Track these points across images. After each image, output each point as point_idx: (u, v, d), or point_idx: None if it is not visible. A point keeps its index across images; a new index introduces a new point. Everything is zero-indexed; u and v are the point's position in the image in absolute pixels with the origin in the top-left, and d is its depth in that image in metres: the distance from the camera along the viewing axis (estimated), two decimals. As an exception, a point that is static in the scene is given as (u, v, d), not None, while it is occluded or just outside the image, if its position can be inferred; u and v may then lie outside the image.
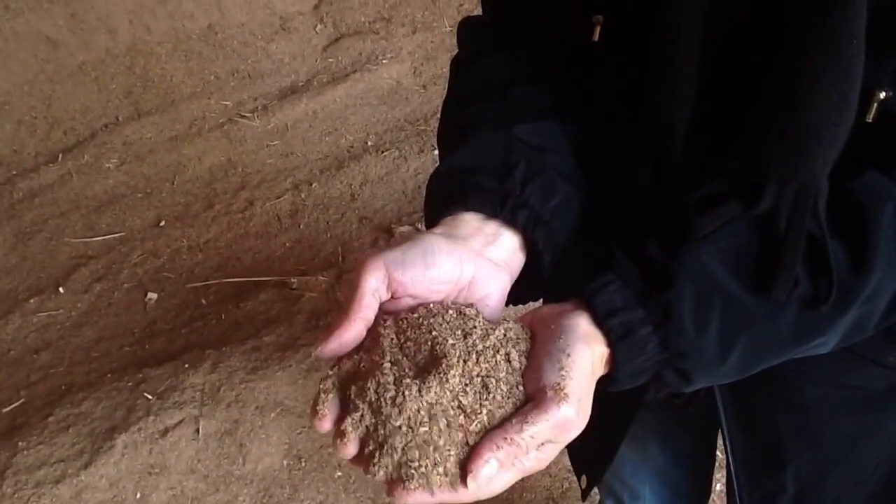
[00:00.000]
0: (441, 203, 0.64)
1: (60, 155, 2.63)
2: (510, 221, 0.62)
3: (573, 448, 0.76)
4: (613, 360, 0.57)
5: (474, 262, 0.60)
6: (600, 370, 0.57)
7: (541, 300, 0.72)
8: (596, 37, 0.70)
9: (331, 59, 3.17)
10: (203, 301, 2.15)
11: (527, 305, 0.67)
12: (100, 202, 2.49)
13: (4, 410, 1.91)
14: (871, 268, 0.60)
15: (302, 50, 3.22)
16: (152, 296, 2.17)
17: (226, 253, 2.32)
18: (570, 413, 0.52)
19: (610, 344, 0.56)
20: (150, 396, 1.82)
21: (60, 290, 2.19)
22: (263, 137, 2.82)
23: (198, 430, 1.75)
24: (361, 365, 0.54)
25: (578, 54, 0.69)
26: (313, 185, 2.55)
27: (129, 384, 1.86)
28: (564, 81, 0.72)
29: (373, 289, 0.56)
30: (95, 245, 2.35)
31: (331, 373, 0.54)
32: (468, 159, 0.66)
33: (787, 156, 0.59)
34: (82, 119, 2.76)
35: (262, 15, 3.25)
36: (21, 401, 1.93)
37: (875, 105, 0.60)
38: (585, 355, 0.55)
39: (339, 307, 1.97)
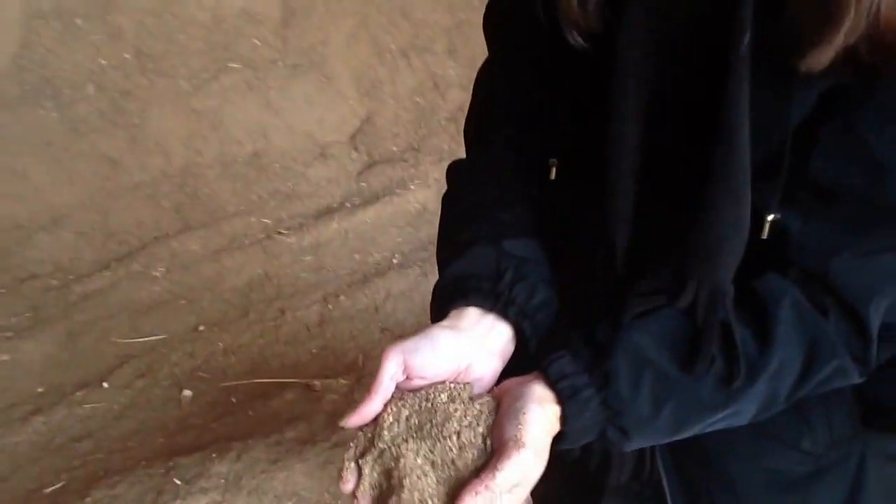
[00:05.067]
0: (446, 301, 0.80)
1: (113, 263, 2.95)
2: (503, 315, 0.78)
3: None
4: (564, 418, 0.71)
5: (472, 350, 0.76)
6: (555, 427, 0.71)
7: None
8: (553, 175, 0.88)
9: (363, 184, 3.52)
10: (233, 399, 2.41)
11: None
12: (146, 307, 2.80)
13: (45, 491, 2.15)
14: (773, 350, 0.73)
15: (338, 175, 3.57)
16: (187, 393, 2.43)
17: (257, 357, 2.59)
18: (529, 456, 0.66)
19: (560, 402, 0.71)
20: (178, 482, 2.05)
21: (104, 384, 2.47)
22: (298, 253, 3.13)
23: (221, 513, 1.98)
24: (373, 437, 0.71)
25: (541, 188, 0.89)
26: (340, 298, 2.84)
27: (161, 471, 2.11)
28: (536, 205, 0.89)
29: (391, 373, 0.72)
30: (139, 346, 2.64)
31: (352, 444, 0.71)
32: (467, 268, 0.82)
33: (699, 265, 0.74)
34: (135, 231, 3.10)
35: (303, 143, 3.63)
36: (61, 483, 2.17)
37: (767, 225, 0.74)
38: (538, 412, 0.69)
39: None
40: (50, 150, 3.08)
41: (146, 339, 2.66)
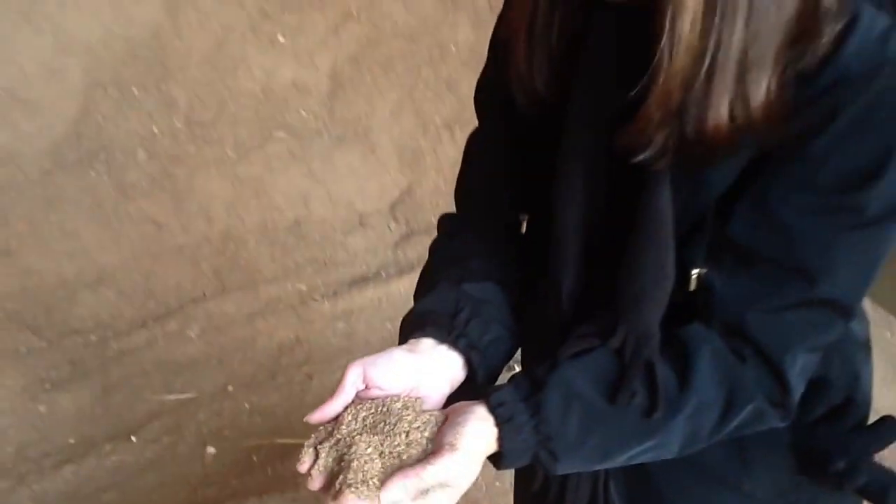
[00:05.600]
0: (408, 331, 0.92)
1: (151, 322, 3.08)
2: (454, 346, 0.89)
3: None
4: (501, 439, 0.80)
5: (425, 371, 0.87)
6: (492, 446, 0.81)
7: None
8: (523, 230, 1.04)
9: (400, 254, 3.61)
10: (254, 458, 2.48)
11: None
12: (179, 366, 2.91)
13: (69, 540, 2.24)
14: (692, 389, 0.83)
15: (375, 244, 3.67)
16: (211, 450, 2.51)
17: (281, 418, 2.67)
18: (459, 459, 0.77)
19: (497, 425, 0.80)
20: (196, 535, 2.12)
21: (133, 438, 2.56)
22: (331, 319, 3.22)
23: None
24: (332, 430, 0.82)
25: (515, 240, 1.04)
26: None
27: (181, 525, 2.18)
28: (504, 255, 1.03)
29: (352, 381, 0.83)
30: (169, 403, 2.73)
31: (313, 435, 0.83)
32: (430, 305, 0.94)
33: (627, 311, 0.85)
34: (174, 293, 3.23)
35: (343, 212, 3.75)
36: (85, 533, 2.26)
37: (693, 278, 0.85)
38: (476, 426, 0.79)
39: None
40: (100, 211, 3.26)
41: (177, 396, 2.76)
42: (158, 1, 3.51)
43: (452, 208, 1.13)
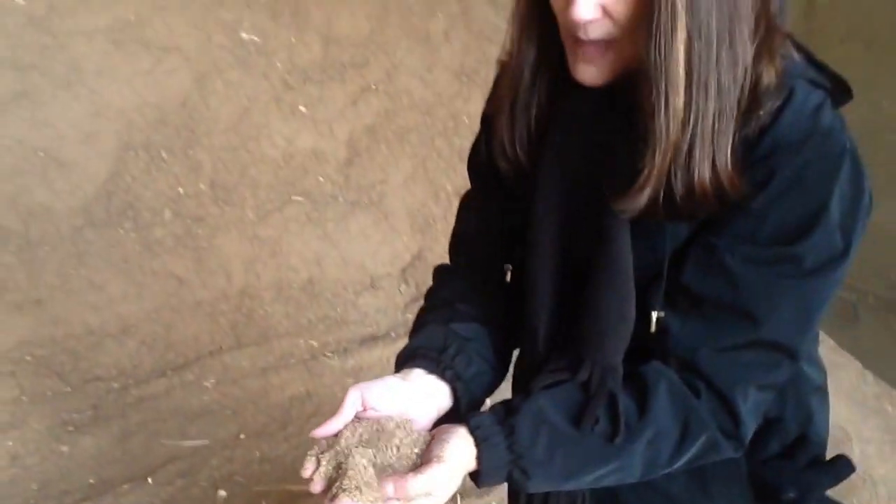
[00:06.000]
0: (402, 362, 1.06)
1: (169, 372, 3.24)
2: (442, 376, 1.03)
3: None
4: (479, 458, 0.93)
5: (415, 397, 0.99)
6: (471, 463, 0.93)
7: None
8: (508, 278, 1.18)
9: (409, 315, 3.77)
10: (263, 502, 2.62)
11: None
12: (194, 413, 3.06)
13: (85, 576, 2.37)
14: (650, 419, 0.93)
15: (385, 305, 3.83)
16: (222, 493, 2.65)
17: (290, 466, 2.81)
18: (444, 470, 0.89)
19: (476, 445, 0.92)
20: (206, 574, 2.25)
21: (149, 480, 2.70)
22: (340, 375, 3.37)
23: None
24: (332, 443, 0.95)
25: (500, 288, 1.19)
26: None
27: (191, 563, 2.31)
28: (490, 301, 1.16)
29: (351, 402, 0.95)
30: (184, 448, 2.88)
31: (316, 447, 0.96)
32: (421, 341, 1.08)
33: (592, 348, 0.97)
34: (192, 345, 3.39)
35: (355, 273, 3.92)
36: (100, 569, 2.39)
37: (654, 321, 0.96)
38: (459, 444, 0.92)
39: None
40: (126, 266, 3.44)
41: (191, 442, 2.90)
42: (188, 71, 3.76)
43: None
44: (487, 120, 1.15)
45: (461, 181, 4.35)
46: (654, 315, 0.96)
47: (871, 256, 3.01)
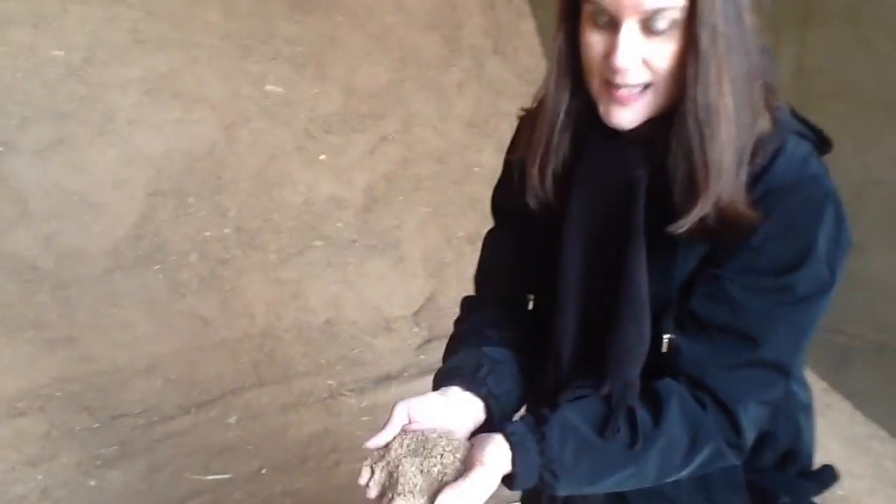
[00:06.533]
0: (440, 381, 1.15)
1: (194, 409, 3.39)
2: (477, 393, 1.12)
3: None
4: (514, 461, 0.99)
5: (454, 411, 1.08)
6: (507, 465, 0.99)
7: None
8: (530, 306, 1.25)
9: (422, 357, 3.91)
10: (285, 534, 2.76)
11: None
12: (217, 449, 3.20)
13: None
14: (663, 429, 1.02)
15: (400, 346, 3.97)
16: (245, 525, 2.79)
17: (309, 500, 2.94)
18: (487, 471, 0.97)
19: (511, 449, 0.99)
20: None
21: (174, 512, 2.85)
22: (357, 413, 3.51)
23: None
24: (384, 454, 1.05)
25: (522, 315, 1.28)
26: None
27: (216, 591, 2.44)
28: (514, 327, 1.24)
29: (398, 417, 1.05)
30: (208, 482, 3.02)
31: (370, 457, 1.06)
32: (457, 363, 1.18)
33: (613, 367, 1.05)
34: (216, 383, 3.54)
35: (371, 316, 4.06)
36: None
37: (666, 342, 1.05)
38: (496, 449, 0.99)
39: None
40: (153, 306, 3.61)
41: (215, 476, 3.04)
42: (216, 121, 3.97)
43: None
44: (510, 163, 1.26)
45: (472, 227, 4.53)
46: (666, 338, 1.06)
47: (861, 302, 3.18)
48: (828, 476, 1.23)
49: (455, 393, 1.13)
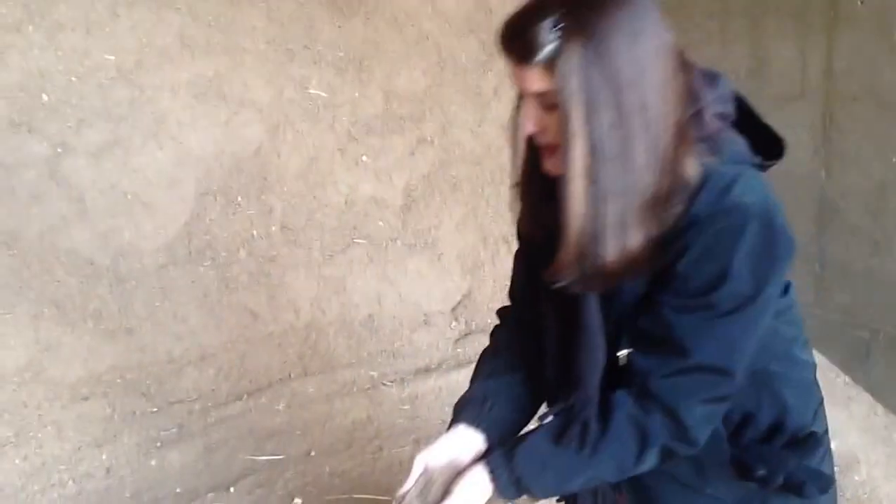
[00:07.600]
0: (456, 412, 1.40)
1: (245, 396, 3.60)
2: (478, 428, 1.35)
3: None
4: (493, 484, 1.24)
5: (458, 454, 1.32)
6: (489, 485, 1.23)
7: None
8: None
9: (459, 350, 4.09)
10: (336, 509, 2.96)
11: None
12: (269, 433, 3.41)
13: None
14: (610, 437, 1.19)
15: (438, 340, 4.15)
16: (298, 501, 2.99)
17: (356, 480, 3.14)
18: (454, 500, 1.22)
19: (489, 473, 1.24)
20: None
21: (231, 489, 3.05)
22: (398, 403, 3.70)
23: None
24: (401, 500, 1.30)
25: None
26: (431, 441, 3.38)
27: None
28: (528, 345, 1.42)
29: (416, 469, 1.31)
30: (261, 462, 3.23)
31: (398, 496, 1.31)
32: (470, 395, 1.42)
33: (574, 385, 1.24)
34: (264, 373, 3.76)
35: (411, 311, 4.24)
36: (191, 565, 2.73)
37: (623, 357, 1.22)
38: (470, 479, 1.24)
39: None
40: (205, 300, 3.84)
41: (267, 457, 3.26)
42: (261, 123, 4.17)
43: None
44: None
45: (507, 227, 4.68)
46: (622, 354, 1.23)
47: (883, 297, 3.33)
48: (812, 443, 1.34)
49: (461, 430, 1.36)
